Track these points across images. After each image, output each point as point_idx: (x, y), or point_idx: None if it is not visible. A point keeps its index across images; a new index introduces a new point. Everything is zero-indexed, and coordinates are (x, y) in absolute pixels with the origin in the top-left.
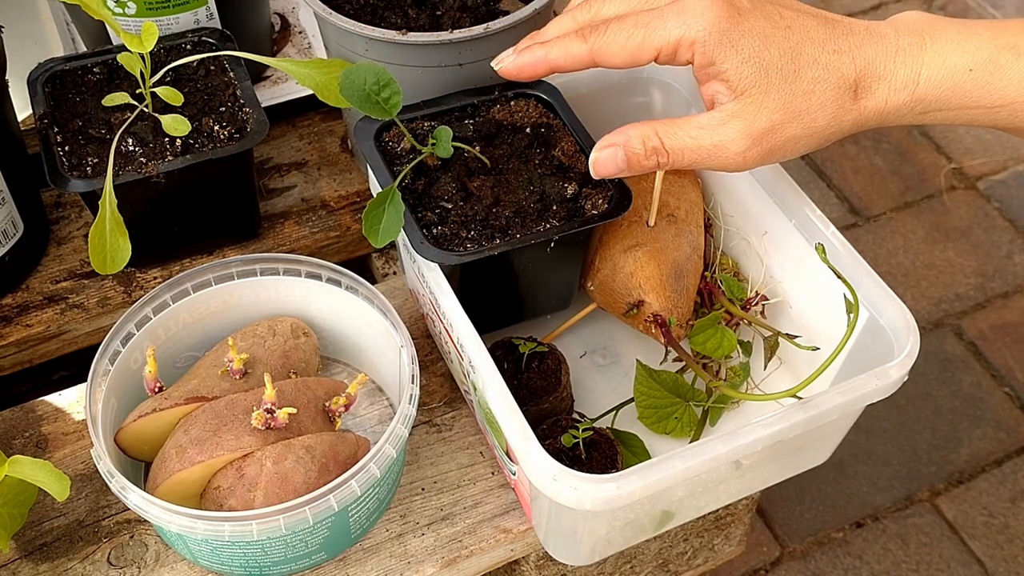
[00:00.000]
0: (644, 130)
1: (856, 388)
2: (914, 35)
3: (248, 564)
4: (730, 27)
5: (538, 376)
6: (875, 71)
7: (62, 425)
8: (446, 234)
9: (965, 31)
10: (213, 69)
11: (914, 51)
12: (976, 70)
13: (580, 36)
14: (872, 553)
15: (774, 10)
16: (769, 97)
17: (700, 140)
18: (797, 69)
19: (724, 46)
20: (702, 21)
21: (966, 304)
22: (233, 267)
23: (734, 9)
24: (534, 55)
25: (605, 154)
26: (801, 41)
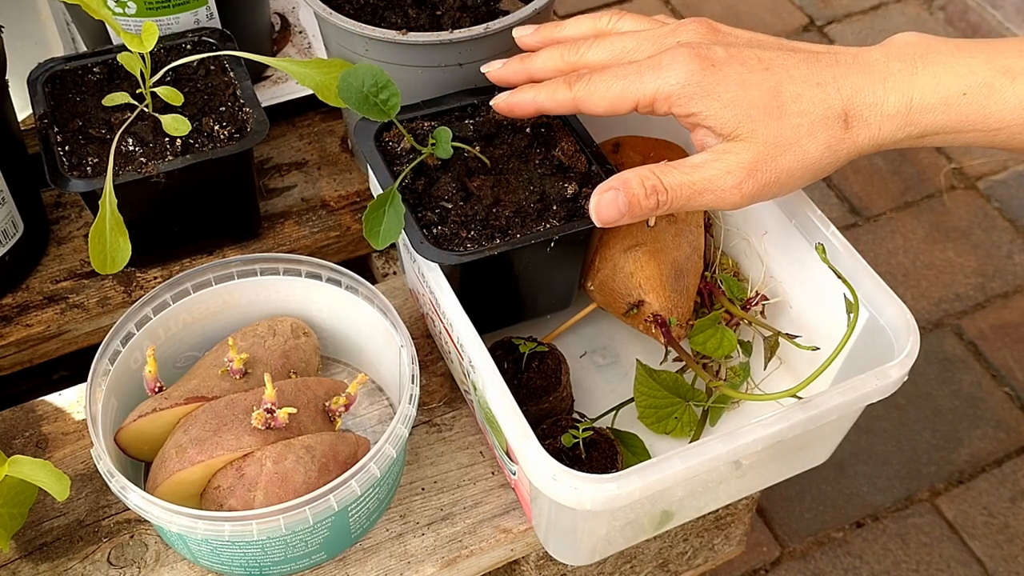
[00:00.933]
0: (641, 172)
1: (856, 388)
2: (905, 60)
3: (248, 564)
4: (704, 78)
5: (538, 376)
6: (863, 99)
7: (62, 425)
8: (446, 234)
9: (959, 53)
10: (213, 69)
11: (905, 76)
12: (970, 94)
13: (566, 83)
14: (872, 553)
15: (751, 55)
16: (757, 134)
17: (694, 176)
18: (780, 106)
19: (701, 96)
20: (676, 75)
21: (966, 304)
22: (233, 267)
23: (708, 61)
24: (523, 97)
25: (606, 198)
26: (781, 80)
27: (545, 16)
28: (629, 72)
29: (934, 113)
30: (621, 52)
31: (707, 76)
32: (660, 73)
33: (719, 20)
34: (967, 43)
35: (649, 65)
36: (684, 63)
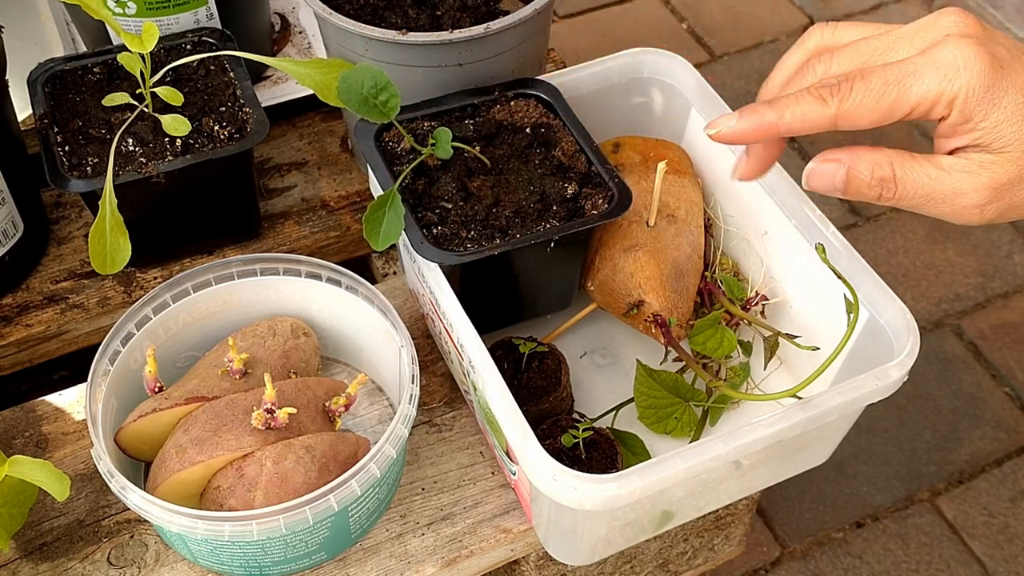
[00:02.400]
0: (877, 156)
1: (856, 388)
2: None
3: (248, 564)
4: (994, 83)
5: (538, 376)
6: None
7: (62, 425)
8: (446, 234)
9: None
10: (213, 69)
11: None
12: None
13: (818, 97)
14: (872, 553)
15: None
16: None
17: (939, 183)
18: None
19: (986, 103)
20: (964, 76)
21: (966, 304)
22: (233, 267)
23: (996, 62)
24: (763, 118)
25: (825, 168)
26: None
27: (545, 16)
28: (903, 74)
29: None
30: (872, 55)
31: (996, 80)
32: (944, 72)
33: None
34: None
35: (927, 63)
36: (973, 60)
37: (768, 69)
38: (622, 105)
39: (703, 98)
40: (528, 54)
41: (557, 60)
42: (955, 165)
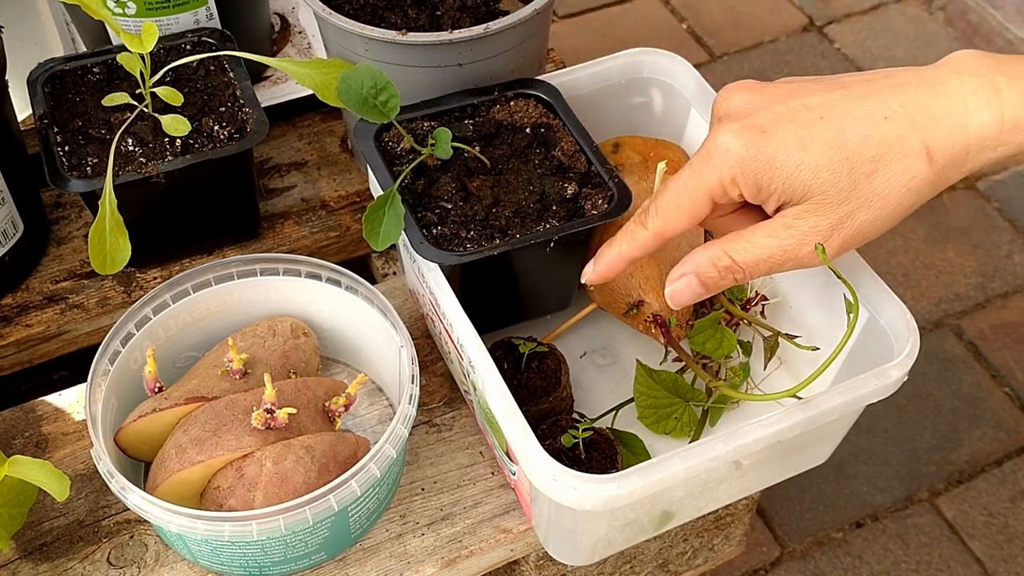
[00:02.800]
0: (712, 252)
1: (856, 388)
2: (981, 74)
3: (248, 564)
4: (759, 151)
5: (538, 376)
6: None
7: (62, 425)
8: (446, 234)
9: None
10: (213, 69)
11: (988, 94)
12: None
13: (639, 224)
14: (872, 553)
15: (799, 106)
16: (830, 195)
17: (770, 248)
18: (848, 157)
19: (762, 172)
20: (729, 159)
21: (966, 304)
22: (233, 267)
23: (756, 130)
24: (609, 258)
25: (680, 284)
26: (843, 125)
27: (545, 16)
28: (687, 176)
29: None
30: None
31: (761, 148)
32: (713, 161)
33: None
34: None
35: (701, 160)
36: (731, 141)
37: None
38: (622, 105)
39: (703, 98)
40: (528, 54)
41: (557, 60)
42: (776, 227)
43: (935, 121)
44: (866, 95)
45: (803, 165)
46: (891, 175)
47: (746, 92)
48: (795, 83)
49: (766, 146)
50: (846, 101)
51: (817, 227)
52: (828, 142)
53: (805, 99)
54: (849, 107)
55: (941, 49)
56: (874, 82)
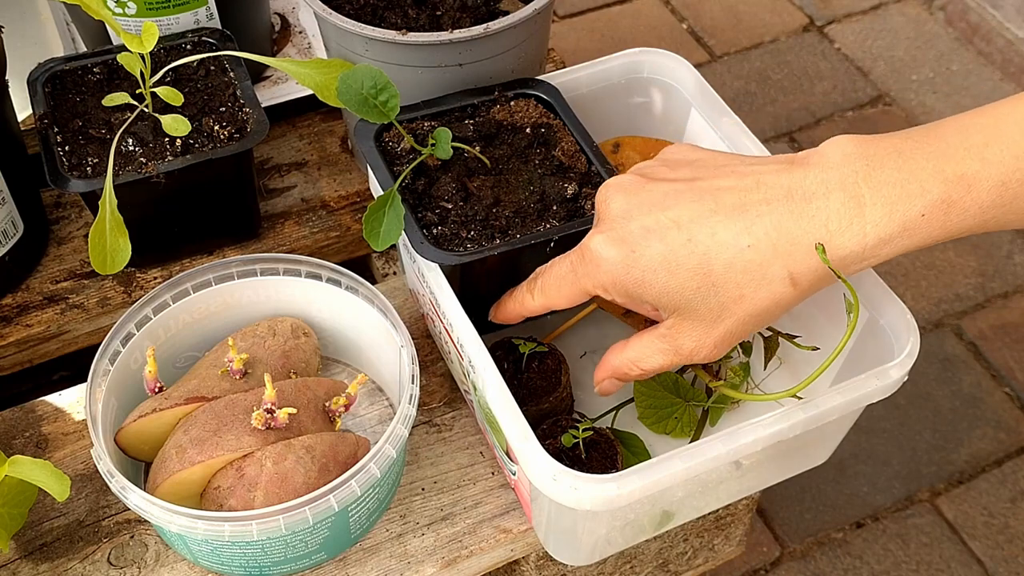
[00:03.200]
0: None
1: (856, 388)
2: (846, 189)
3: (248, 564)
4: (628, 272)
5: (538, 376)
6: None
7: (62, 425)
8: (446, 234)
9: (905, 167)
10: (213, 69)
11: (852, 213)
12: (929, 214)
13: (528, 290)
14: (872, 553)
15: (669, 221)
16: (700, 313)
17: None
18: (714, 283)
19: (632, 288)
20: (602, 270)
21: (966, 304)
22: (233, 267)
23: (627, 248)
24: (507, 310)
25: (606, 385)
26: (708, 250)
27: (545, 16)
28: (567, 268)
29: (892, 244)
30: None
31: (631, 268)
32: (587, 267)
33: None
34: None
35: (579, 256)
36: (605, 252)
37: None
38: (622, 105)
39: (703, 98)
40: (528, 54)
41: (557, 60)
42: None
43: (797, 247)
44: (734, 212)
45: (671, 288)
46: (757, 299)
47: (623, 195)
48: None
49: (635, 266)
50: (714, 218)
51: (692, 336)
52: (693, 268)
53: (676, 211)
54: (716, 228)
55: (941, 49)
56: (746, 192)
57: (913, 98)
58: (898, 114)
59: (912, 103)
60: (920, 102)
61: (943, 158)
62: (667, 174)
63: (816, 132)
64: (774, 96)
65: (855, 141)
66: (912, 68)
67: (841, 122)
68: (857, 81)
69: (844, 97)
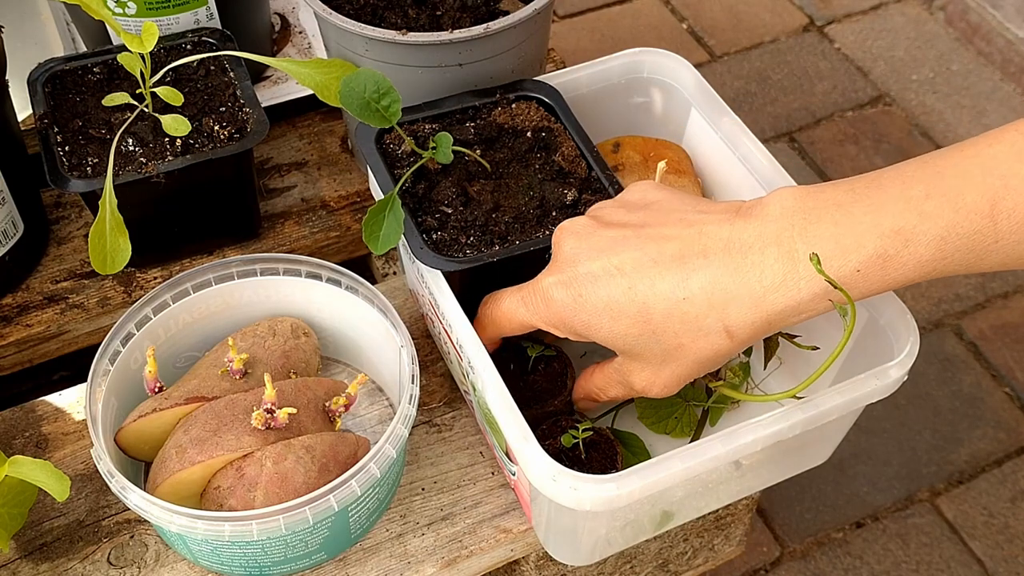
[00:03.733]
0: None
1: (856, 388)
2: (782, 243)
3: (248, 564)
4: (574, 316)
5: (544, 379)
6: (742, 307)
7: (62, 425)
8: (445, 239)
9: (844, 223)
10: (213, 69)
11: (786, 268)
12: (864, 269)
13: (478, 322)
14: (872, 553)
15: (613, 268)
16: (644, 356)
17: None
18: (653, 331)
19: (579, 329)
20: (551, 309)
21: (966, 304)
22: (233, 267)
23: (574, 292)
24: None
25: (585, 404)
26: (647, 299)
27: (545, 16)
28: (515, 303)
29: (824, 299)
30: None
31: (577, 312)
32: (537, 303)
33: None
34: (848, 199)
35: (530, 291)
36: (555, 293)
37: (768, 69)
38: (622, 105)
39: (703, 98)
40: (528, 54)
41: (557, 60)
42: (611, 373)
43: (733, 301)
44: (673, 264)
45: (615, 332)
46: (696, 348)
47: (574, 239)
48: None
49: (581, 310)
50: (654, 269)
51: (641, 375)
52: (634, 316)
53: (620, 258)
54: (655, 279)
55: (941, 49)
56: (688, 243)
57: (913, 98)
58: (898, 114)
59: (912, 103)
60: (920, 102)
61: (881, 211)
62: (621, 217)
63: (816, 132)
64: (774, 96)
65: (796, 193)
66: (912, 68)
67: (841, 122)
68: (857, 81)
69: (844, 97)
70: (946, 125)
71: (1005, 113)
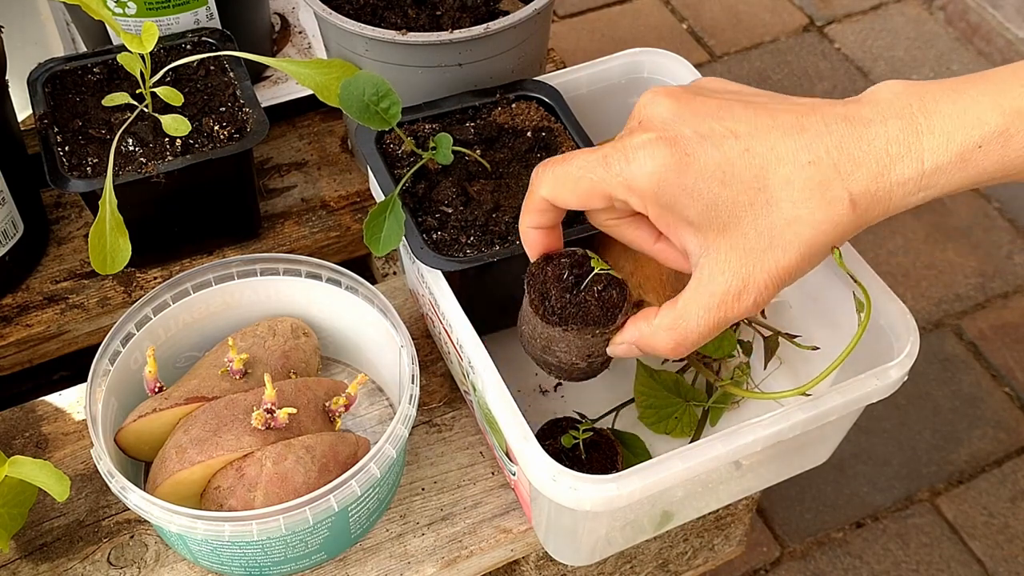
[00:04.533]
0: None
1: (856, 388)
2: (904, 117)
3: (248, 564)
4: (678, 176)
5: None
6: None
7: (62, 425)
8: (446, 239)
9: (961, 101)
10: (213, 69)
11: (910, 139)
12: (986, 146)
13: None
14: (872, 553)
15: (725, 131)
16: (747, 237)
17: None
18: (769, 199)
19: (680, 195)
20: (647, 167)
21: (966, 304)
22: (233, 267)
23: (680, 150)
24: (525, 235)
25: (620, 350)
26: (766, 163)
27: (545, 17)
28: (593, 162)
29: (949, 173)
30: None
31: (682, 174)
32: (628, 166)
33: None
34: (963, 85)
35: (614, 149)
36: (653, 152)
37: (768, 69)
38: (622, 105)
39: None
40: (528, 54)
41: (557, 60)
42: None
43: (859, 168)
44: (792, 130)
45: (721, 200)
46: (814, 221)
47: (671, 100)
48: (722, 99)
49: (687, 170)
50: (773, 133)
51: (734, 273)
52: (749, 182)
53: (732, 123)
54: (775, 142)
55: (941, 49)
56: (801, 115)
57: None
58: None
59: None
60: None
61: (999, 94)
62: (717, 87)
63: None
64: None
65: (902, 83)
66: (912, 68)
67: None
68: (857, 81)
69: (844, 97)
70: None
71: None
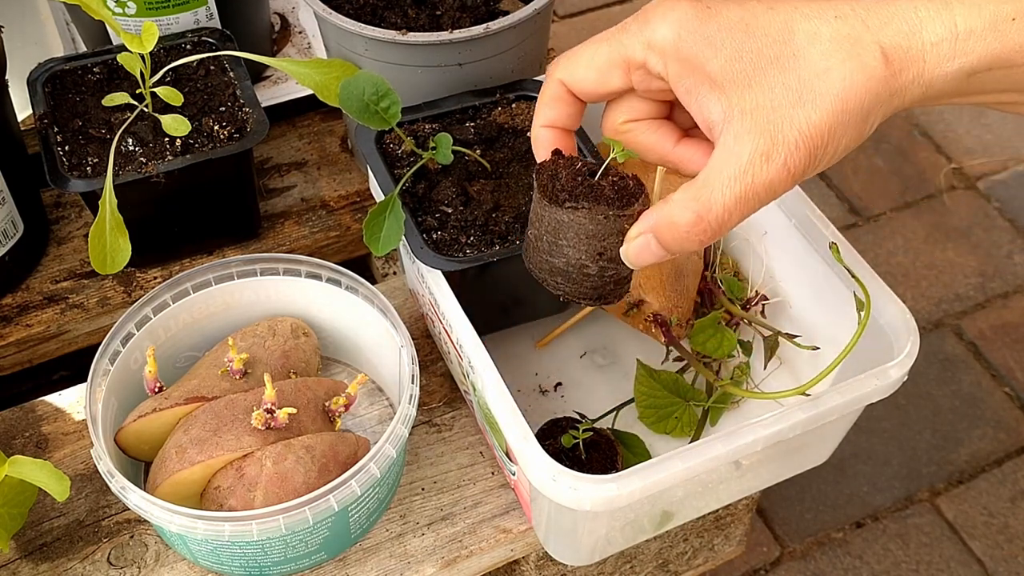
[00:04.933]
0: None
1: (856, 388)
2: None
3: (248, 564)
4: (701, 26)
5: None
6: (898, 28)
7: (62, 425)
8: (446, 239)
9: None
10: (213, 69)
11: (940, 5)
12: (1020, 19)
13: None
14: (872, 553)
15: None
16: (775, 91)
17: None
18: (795, 52)
19: (702, 47)
20: (668, 25)
21: (966, 304)
22: (233, 267)
23: (702, 5)
24: (536, 135)
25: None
26: (790, 18)
27: (545, 17)
28: (609, 32)
29: (984, 40)
30: None
31: (704, 23)
32: (648, 24)
33: None
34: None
35: (633, 19)
36: (673, 8)
37: None
38: None
39: None
40: (528, 54)
41: None
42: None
43: (887, 24)
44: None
45: (745, 51)
46: (846, 72)
47: None
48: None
49: (710, 20)
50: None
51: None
52: (773, 36)
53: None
54: (798, 2)
55: None
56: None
57: None
58: (898, 114)
59: None
60: None
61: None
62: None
63: None
64: None
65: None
66: None
67: None
68: None
69: None
70: (946, 125)
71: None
